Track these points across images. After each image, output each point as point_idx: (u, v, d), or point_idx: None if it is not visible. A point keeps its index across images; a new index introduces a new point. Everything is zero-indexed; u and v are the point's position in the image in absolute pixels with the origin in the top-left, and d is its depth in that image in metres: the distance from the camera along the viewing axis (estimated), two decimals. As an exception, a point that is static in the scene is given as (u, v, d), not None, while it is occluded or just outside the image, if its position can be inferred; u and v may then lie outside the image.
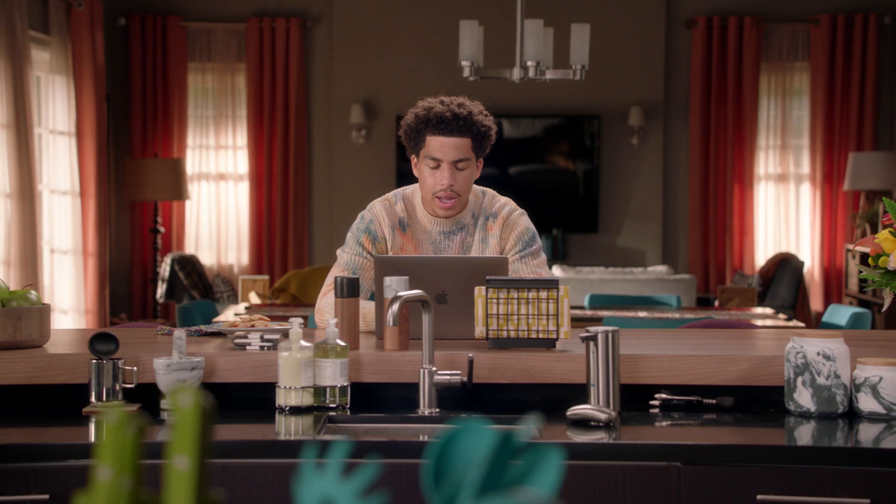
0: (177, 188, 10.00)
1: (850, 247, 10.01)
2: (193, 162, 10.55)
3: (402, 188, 4.06)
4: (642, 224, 10.34)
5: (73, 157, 9.11)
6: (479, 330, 3.39)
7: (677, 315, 6.39)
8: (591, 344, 3.15)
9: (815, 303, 10.23)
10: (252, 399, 3.34)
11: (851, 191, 10.14)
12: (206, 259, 10.43)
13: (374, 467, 1.17)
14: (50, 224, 8.90)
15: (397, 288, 3.39)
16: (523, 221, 3.95)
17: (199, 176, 10.57)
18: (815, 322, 9.79)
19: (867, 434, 3.00)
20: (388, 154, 10.48)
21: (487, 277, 3.40)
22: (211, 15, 10.57)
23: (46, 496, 2.83)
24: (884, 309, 3.48)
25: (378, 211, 3.94)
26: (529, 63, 6.25)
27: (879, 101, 10.37)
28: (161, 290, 9.50)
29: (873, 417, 3.09)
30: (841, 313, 6.26)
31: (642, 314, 6.43)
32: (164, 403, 3.24)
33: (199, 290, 9.35)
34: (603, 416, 3.04)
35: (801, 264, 9.59)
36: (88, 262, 9.26)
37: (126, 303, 10.50)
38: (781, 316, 6.67)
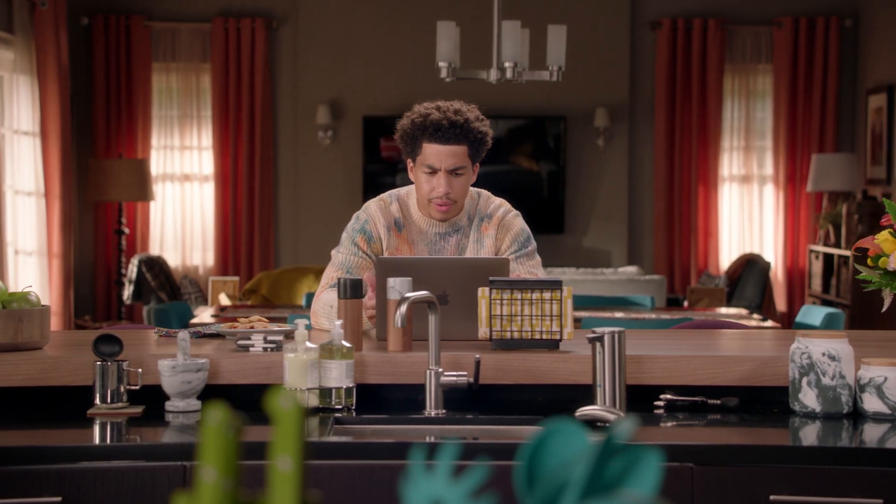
0: (141, 189, 9.93)
1: (813, 247, 10.11)
2: (158, 162, 10.48)
3: (396, 189, 4.06)
4: (608, 225, 10.38)
5: (38, 158, 9.03)
6: (483, 331, 3.39)
7: (653, 316, 6.42)
8: (598, 345, 3.16)
9: (779, 303, 10.32)
10: (255, 401, 3.32)
11: (814, 192, 10.24)
12: (171, 260, 10.37)
13: (483, 468, 1.18)
14: (14, 225, 8.81)
15: (401, 289, 3.39)
16: (518, 223, 3.97)
17: (163, 176, 10.51)
18: (787, 323, 9.87)
19: (874, 434, 3.04)
20: (355, 155, 10.46)
21: (491, 278, 3.41)
22: (175, 15, 10.50)
23: (59, 498, 2.81)
24: (883, 309, 3.52)
25: (373, 211, 3.94)
26: (507, 64, 6.26)
27: (841, 103, 10.47)
28: (128, 291, 9.44)
29: (878, 417, 3.13)
30: (814, 314, 6.31)
31: (619, 315, 6.46)
32: (169, 405, 3.22)
33: (167, 291, 9.30)
34: (612, 417, 3.05)
35: (768, 265, 9.67)
36: (53, 263, 9.18)
37: (90, 304, 10.42)
38: (756, 316, 6.73)
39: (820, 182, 9.87)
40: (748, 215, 10.48)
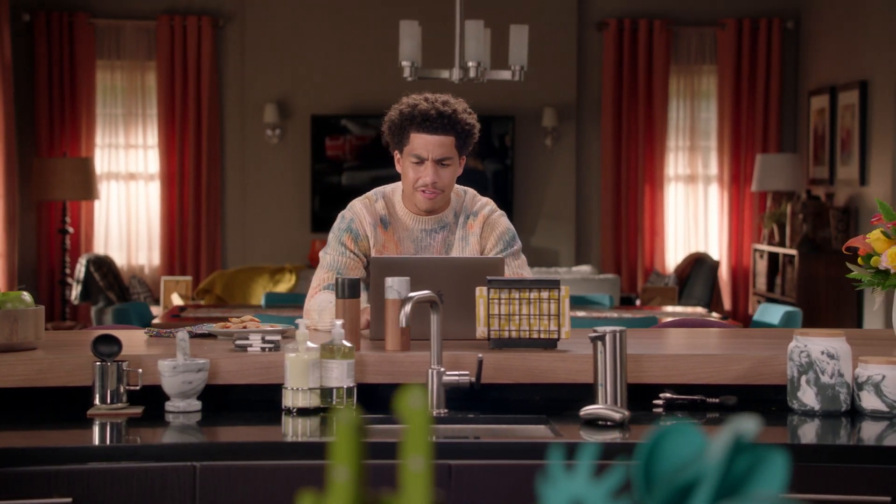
0: (86, 188, 9.82)
1: (758, 246, 10.24)
2: (102, 161, 10.37)
3: (381, 187, 4.06)
4: (556, 224, 10.43)
5: (-18, 156, 8.90)
6: (481, 330, 3.40)
7: (615, 314, 6.46)
8: (599, 344, 3.18)
9: (724, 302, 10.43)
10: (254, 401, 3.32)
11: (758, 192, 10.36)
12: (117, 260, 10.26)
13: (623, 468, 1.18)
14: (-42, 224, 8.68)
15: (400, 289, 3.39)
16: (504, 222, 3.99)
17: (108, 175, 10.40)
18: (745, 321, 9.97)
19: (873, 432, 3.08)
20: (303, 154, 10.42)
21: (489, 278, 3.42)
22: (120, 12, 10.39)
23: (69, 499, 2.78)
24: (875, 308, 3.57)
25: (359, 209, 3.94)
26: (470, 64, 6.27)
27: (783, 104, 10.61)
28: (76, 291, 9.32)
29: (876, 415, 3.17)
30: (772, 312, 6.39)
31: (580, 314, 6.49)
32: (169, 405, 3.19)
33: (116, 291, 9.20)
34: (617, 416, 3.07)
35: (716, 264, 9.77)
36: (-3, 262, 9.05)
37: (32, 304, 10.27)
38: (716, 315, 6.79)
39: (764, 182, 9.99)
40: (693, 215, 10.58)
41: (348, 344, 3.22)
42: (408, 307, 3.15)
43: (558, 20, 10.38)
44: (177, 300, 7.91)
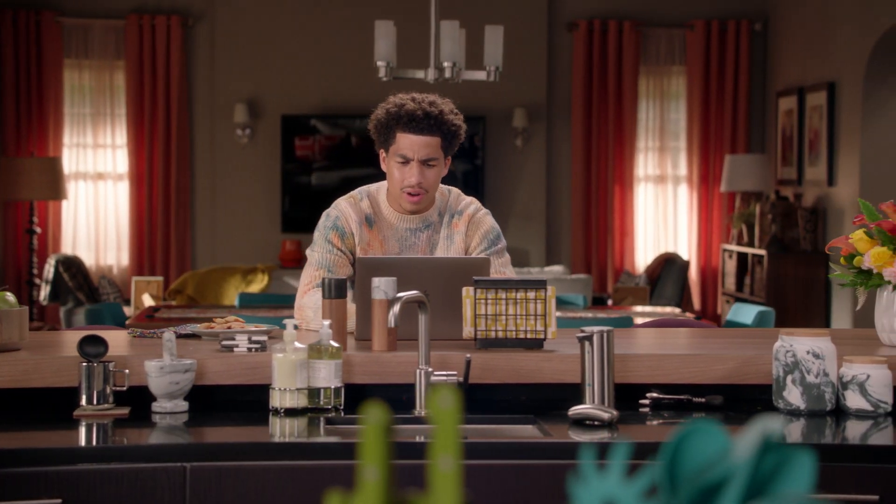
0: (54, 187, 9.76)
1: (727, 246, 10.29)
2: (71, 161, 10.31)
3: (366, 186, 4.06)
4: (527, 224, 10.45)
5: (-50, 155, 8.83)
6: (468, 330, 3.40)
7: (590, 314, 6.48)
8: (587, 343, 3.19)
9: (694, 302, 10.48)
10: (240, 401, 3.31)
11: (727, 192, 10.41)
12: (85, 260, 10.20)
13: (654, 468, 1.19)
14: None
15: (386, 289, 3.39)
16: (488, 220, 4.00)
17: (76, 175, 10.34)
18: (716, 321, 10.02)
19: (859, 431, 3.10)
20: (273, 154, 10.40)
21: (475, 278, 3.42)
22: (88, 11, 10.34)
23: (58, 500, 2.76)
24: (858, 307, 3.60)
25: (344, 207, 3.94)
26: (446, 64, 6.27)
27: (752, 104, 10.67)
28: (44, 292, 9.26)
29: (860, 414, 3.19)
30: (745, 312, 6.42)
31: (557, 314, 6.49)
32: (156, 406, 3.18)
33: (85, 292, 9.14)
34: (606, 416, 3.08)
35: (686, 264, 9.82)
36: (-35, 263, 8.99)
37: None
38: (689, 314, 6.82)
39: (733, 182, 10.04)
40: (663, 215, 10.63)
41: (336, 344, 3.22)
42: (396, 307, 3.15)
43: (528, 21, 10.40)
44: (148, 301, 7.87)
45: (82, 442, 2.98)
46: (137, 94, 10.27)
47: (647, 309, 7.34)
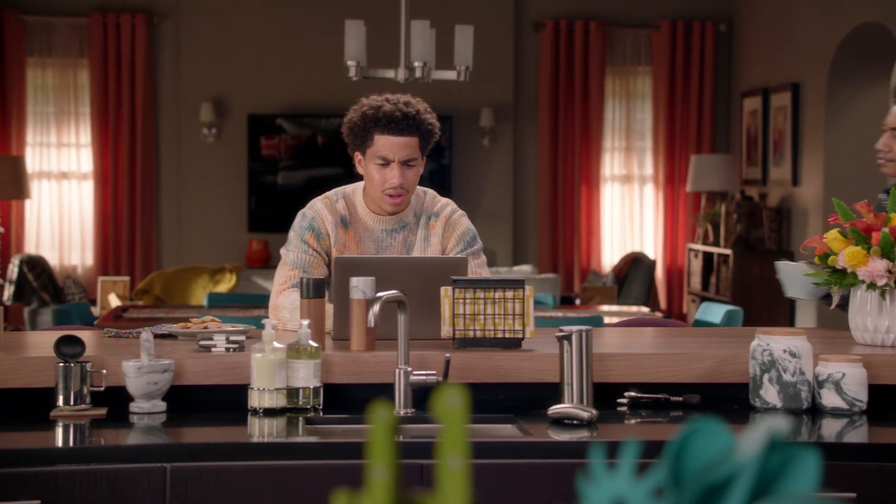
0: (17, 187, 9.69)
1: (692, 246, 10.34)
2: (34, 160, 10.24)
3: (341, 187, 4.05)
4: (493, 224, 10.46)
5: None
6: (446, 330, 3.40)
7: (560, 314, 6.49)
8: (566, 343, 3.20)
9: (660, 301, 10.52)
10: (218, 401, 3.29)
11: (693, 192, 10.46)
12: (49, 260, 10.13)
13: (664, 467, 1.19)
14: None
15: (365, 289, 3.38)
16: (465, 222, 4.00)
17: (39, 174, 10.27)
18: (683, 321, 10.06)
19: (835, 429, 3.13)
20: (240, 153, 10.36)
21: (453, 277, 3.42)
22: (51, 8, 10.27)
23: (37, 502, 2.74)
24: (832, 307, 3.63)
25: (320, 208, 3.94)
26: (416, 64, 6.27)
27: (717, 105, 10.72)
28: (8, 292, 9.19)
29: (836, 413, 3.22)
30: (714, 311, 6.44)
31: (525, 313, 6.49)
32: (133, 406, 3.16)
33: (50, 292, 9.08)
34: (585, 415, 3.09)
35: (653, 263, 9.86)
36: (-72, 262, 8.91)
37: (-38, 305, 10.12)
38: (658, 314, 6.85)
39: (698, 182, 10.09)
40: (629, 215, 10.66)
41: (314, 344, 3.21)
42: (376, 307, 3.15)
43: (495, 21, 10.41)
44: (115, 301, 7.82)
45: (60, 443, 2.96)
46: (102, 92, 10.21)
47: (616, 308, 7.36)
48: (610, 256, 10.60)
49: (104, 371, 3.18)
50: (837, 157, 8.97)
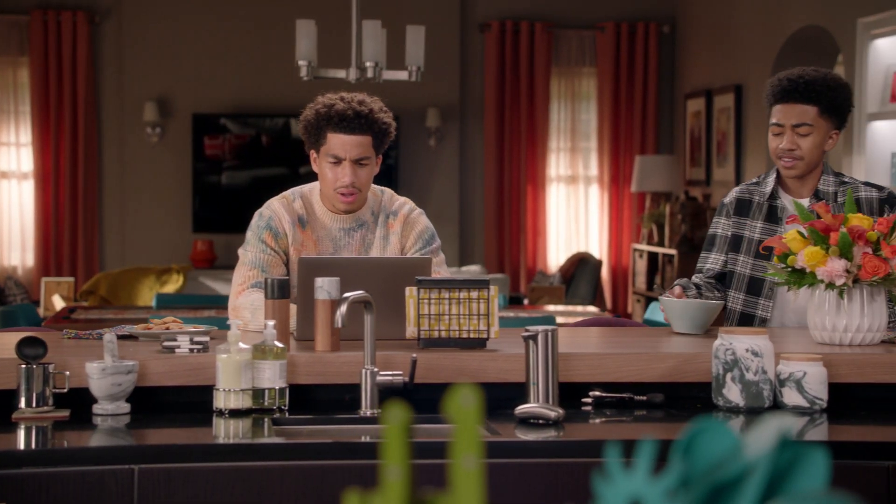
0: (-43, 186, 9.57)
1: (637, 246, 10.41)
2: (-27, 159, 10.12)
3: (298, 187, 4.05)
4: (440, 224, 10.37)
5: None
6: (411, 330, 3.40)
7: (512, 314, 6.51)
8: (532, 343, 3.21)
9: (606, 301, 10.58)
10: (182, 402, 3.27)
11: (637, 192, 10.53)
12: (-12, 260, 10.03)
13: (681, 466, 1.20)
14: None
15: (330, 289, 3.38)
16: (423, 220, 4.01)
17: (-21, 174, 10.15)
18: (633, 319, 10.12)
19: (796, 427, 3.16)
20: (184, 153, 10.30)
21: (418, 278, 3.42)
22: (-9, 6, 10.16)
23: (3, 505, 2.72)
24: (791, 306, 3.66)
25: (277, 207, 3.93)
26: (368, 64, 6.26)
27: (660, 106, 10.80)
28: (-52, 292, 9.07)
29: (797, 411, 3.25)
30: (663, 311, 6.49)
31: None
32: (97, 408, 3.13)
33: (-9, 292, 8.97)
34: (552, 415, 3.10)
35: (599, 263, 9.91)
36: None
37: None
38: (607, 313, 6.89)
39: (643, 183, 10.16)
40: (575, 215, 10.71)
41: (280, 345, 3.20)
42: (344, 307, 3.15)
43: (441, 21, 10.42)
44: (59, 302, 7.75)
45: (23, 445, 2.92)
46: (43, 91, 10.10)
47: (564, 308, 7.39)
48: (556, 256, 10.65)
49: (67, 373, 3.14)
50: (780, 158, 9.05)
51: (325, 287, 3.38)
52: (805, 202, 3.97)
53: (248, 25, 10.24)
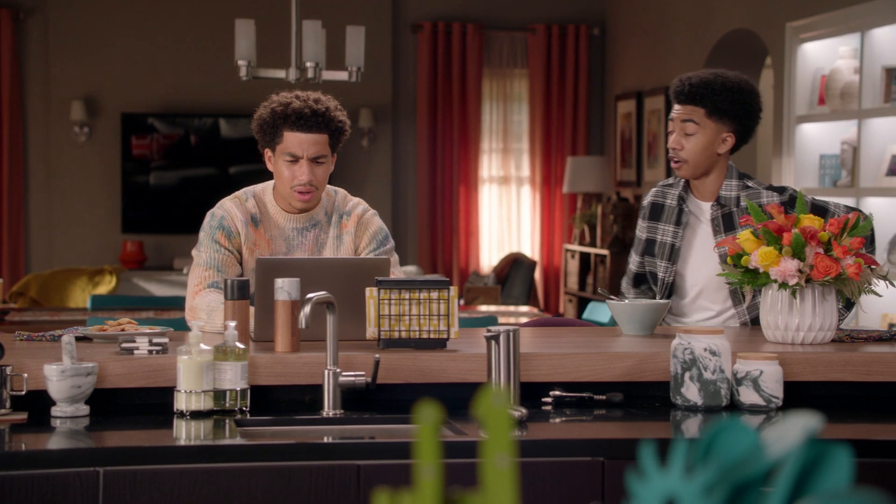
0: None
1: (569, 246, 10.47)
2: None
3: (251, 186, 4.03)
4: (372, 225, 10.43)
5: None
6: (371, 331, 3.40)
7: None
8: (494, 343, 3.22)
9: (539, 301, 10.63)
10: (141, 404, 3.24)
11: (569, 193, 10.59)
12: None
13: (716, 464, 1.21)
14: None
15: (290, 290, 3.36)
16: (377, 221, 4.02)
17: None
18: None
19: (753, 425, 3.20)
20: (113, 153, 10.18)
21: (377, 278, 3.42)
22: (-86, 2, 9.98)
23: (-31, 511, 2.67)
24: (745, 305, 3.71)
25: (229, 207, 3.91)
26: (308, 64, 6.24)
27: (591, 108, 10.88)
28: None
29: (754, 409, 3.29)
30: (601, 311, 6.53)
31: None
32: (55, 410, 3.09)
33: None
34: (516, 414, 3.11)
35: (533, 263, 9.95)
36: None
37: None
38: (546, 313, 6.92)
39: (574, 184, 10.22)
40: (507, 215, 10.75)
41: (241, 346, 3.18)
42: (307, 308, 3.14)
43: (373, 21, 10.39)
44: (-11, 303, 7.63)
45: (-15, 448, 2.88)
46: (-33, 89, 9.95)
47: (502, 308, 7.42)
48: (488, 257, 10.68)
49: (25, 375, 3.10)
50: (710, 159, 9.16)
51: (285, 288, 3.36)
52: (707, 206, 4.05)
53: (178, 24, 10.16)
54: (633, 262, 4.24)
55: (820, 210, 3.99)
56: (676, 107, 4.03)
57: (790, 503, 1.23)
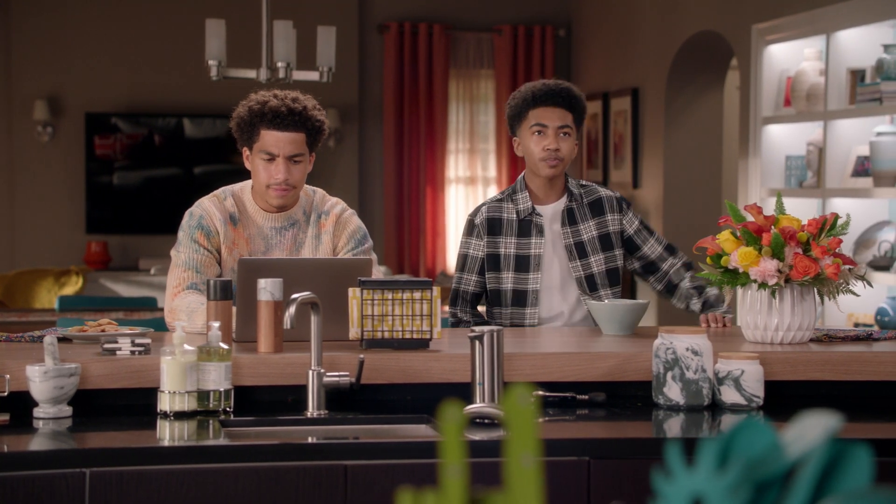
0: None
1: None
2: None
3: (229, 186, 4.02)
4: (338, 225, 10.43)
5: None
6: (354, 331, 3.40)
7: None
8: (478, 343, 3.22)
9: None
10: (123, 405, 3.23)
11: (535, 194, 10.60)
12: None
13: (743, 463, 1.22)
14: None
15: (273, 290, 3.35)
16: (355, 220, 4.02)
17: None
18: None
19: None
20: (77, 153, 10.11)
21: (360, 279, 3.42)
22: None
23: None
24: (725, 305, 3.73)
25: (207, 206, 3.90)
26: (280, 64, 6.23)
27: (552, 109, 10.88)
28: None
29: (735, 409, 3.32)
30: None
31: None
32: (38, 412, 3.07)
33: None
34: (500, 414, 3.12)
35: (500, 265, 9.96)
36: None
37: None
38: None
39: (540, 185, 10.23)
40: (473, 216, 10.75)
41: (225, 346, 3.17)
42: (292, 308, 3.13)
43: (339, 22, 10.34)
44: (-46, 304, 7.57)
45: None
46: (-70, 88, 9.85)
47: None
48: (454, 258, 10.68)
49: (7, 376, 3.08)
50: (675, 159, 9.22)
51: (268, 288, 3.36)
52: (551, 207, 4.24)
53: (143, 22, 10.10)
54: (470, 282, 4.26)
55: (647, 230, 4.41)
56: (545, 109, 4.23)
57: (813, 503, 1.24)
